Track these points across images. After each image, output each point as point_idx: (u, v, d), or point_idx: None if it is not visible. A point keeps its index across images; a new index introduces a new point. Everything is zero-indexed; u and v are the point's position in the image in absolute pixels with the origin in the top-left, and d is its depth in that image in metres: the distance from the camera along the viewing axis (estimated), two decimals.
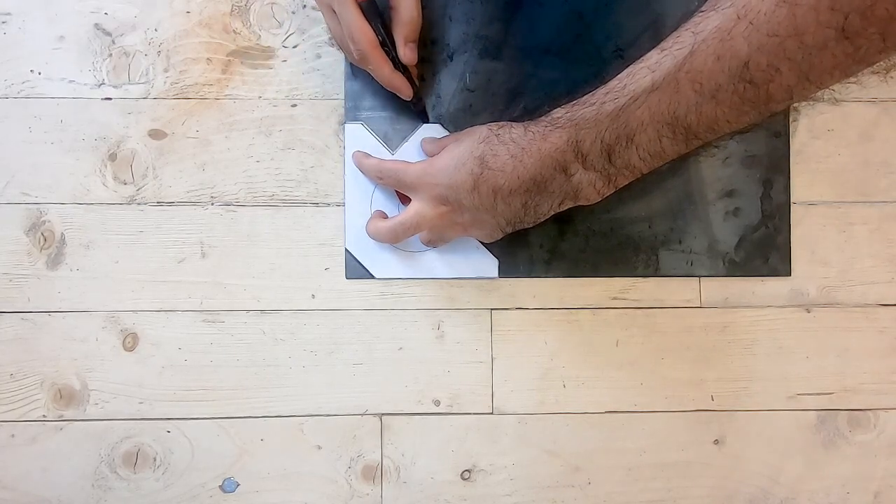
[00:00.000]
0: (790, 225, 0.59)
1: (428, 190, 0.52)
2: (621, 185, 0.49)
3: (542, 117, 0.49)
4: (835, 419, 0.59)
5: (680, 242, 0.59)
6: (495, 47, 0.58)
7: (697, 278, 0.59)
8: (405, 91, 0.54)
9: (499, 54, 0.58)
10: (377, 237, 0.56)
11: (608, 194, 0.49)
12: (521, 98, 0.59)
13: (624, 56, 0.59)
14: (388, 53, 0.53)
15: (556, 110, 0.48)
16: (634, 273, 0.59)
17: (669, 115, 0.42)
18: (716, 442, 0.59)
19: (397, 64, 0.53)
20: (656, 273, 0.59)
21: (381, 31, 0.52)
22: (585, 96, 0.47)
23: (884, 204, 0.60)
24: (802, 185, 0.60)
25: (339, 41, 0.54)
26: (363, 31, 0.50)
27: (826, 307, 0.60)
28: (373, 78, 0.56)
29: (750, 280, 0.59)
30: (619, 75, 0.45)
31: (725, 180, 0.59)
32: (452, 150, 0.51)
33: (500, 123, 0.51)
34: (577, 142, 0.46)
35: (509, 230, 0.54)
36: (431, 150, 0.56)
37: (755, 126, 0.48)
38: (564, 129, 0.47)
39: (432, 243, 0.56)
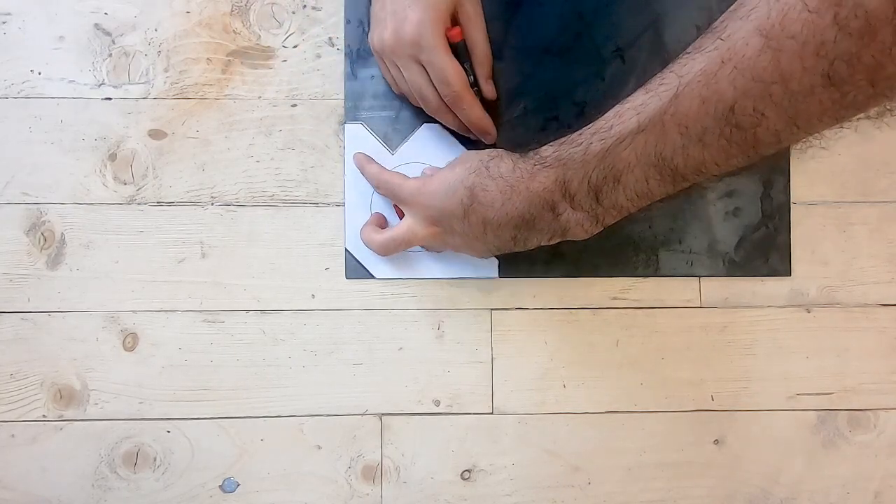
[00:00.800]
0: (790, 225, 0.59)
1: (421, 210, 0.52)
2: (609, 224, 0.49)
3: (532, 154, 0.48)
4: (835, 419, 0.59)
5: (680, 242, 0.59)
6: (495, 47, 0.57)
7: (697, 278, 0.59)
8: (492, 132, 0.55)
9: (499, 54, 0.58)
10: (369, 247, 0.56)
11: (596, 232, 0.49)
12: (521, 98, 0.59)
13: (624, 56, 0.59)
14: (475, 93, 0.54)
15: (544, 148, 0.48)
16: (634, 273, 0.59)
17: (656, 156, 0.42)
18: (716, 442, 0.59)
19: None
20: (656, 273, 0.59)
21: (471, 70, 0.53)
22: (573, 135, 0.47)
23: (884, 204, 0.60)
24: (802, 185, 0.60)
25: (417, 90, 0.53)
26: (458, 74, 0.51)
27: (826, 307, 0.60)
28: (371, 78, 0.56)
29: (750, 280, 0.59)
30: (605, 115, 0.45)
31: (725, 180, 0.59)
32: (446, 176, 0.51)
33: (492, 153, 0.50)
34: (564, 182, 0.46)
35: (499, 254, 0.54)
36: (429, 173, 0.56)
37: (745, 169, 0.48)
38: (552, 169, 0.47)
39: (426, 249, 0.57)
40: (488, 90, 0.56)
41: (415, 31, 0.49)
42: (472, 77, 0.53)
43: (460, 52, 0.52)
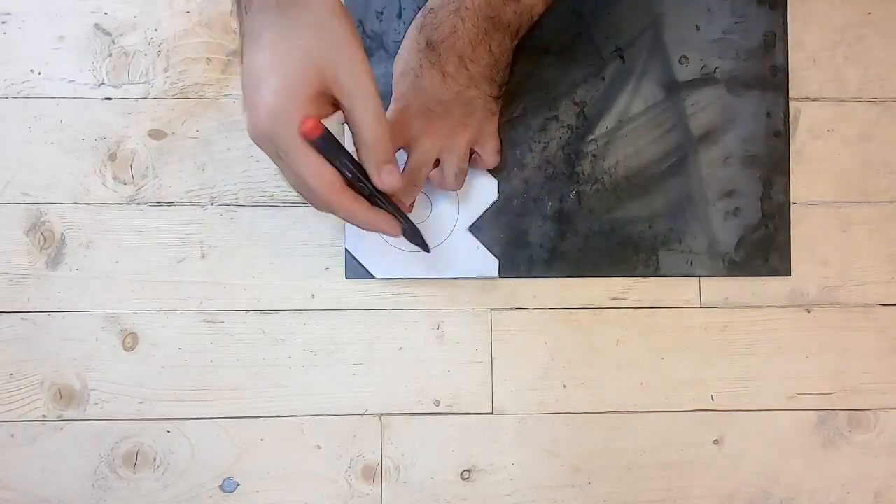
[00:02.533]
0: (790, 225, 0.59)
1: (413, 121, 0.52)
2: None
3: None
4: (835, 419, 0.59)
5: (680, 242, 0.59)
6: None
7: (697, 278, 0.59)
8: (391, 229, 0.48)
9: None
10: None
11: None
12: (521, 98, 0.59)
13: (624, 56, 0.59)
14: (362, 189, 0.44)
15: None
16: (634, 273, 0.59)
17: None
18: (716, 442, 0.59)
19: (375, 196, 0.46)
20: (656, 273, 0.59)
21: (349, 164, 0.42)
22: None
23: (884, 204, 0.60)
24: (802, 185, 0.60)
25: (298, 189, 0.44)
26: (320, 175, 0.42)
27: (826, 307, 0.60)
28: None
29: (750, 280, 0.59)
30: None
31: (725, 180, 0.59)
32: (404, 73, 0.52)
33: (412, 25, 0.52)
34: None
35: (496, 91, 0.54)
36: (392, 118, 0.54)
37: None
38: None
39: (452, 170, 0.54)
40: (382, 180, 0.44)
41: (267, 123, 0.40)
42: (349, 173, 0.43)
43: (329, 147, 0.41)
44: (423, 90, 0.52)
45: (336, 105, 0.43)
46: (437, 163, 0.55)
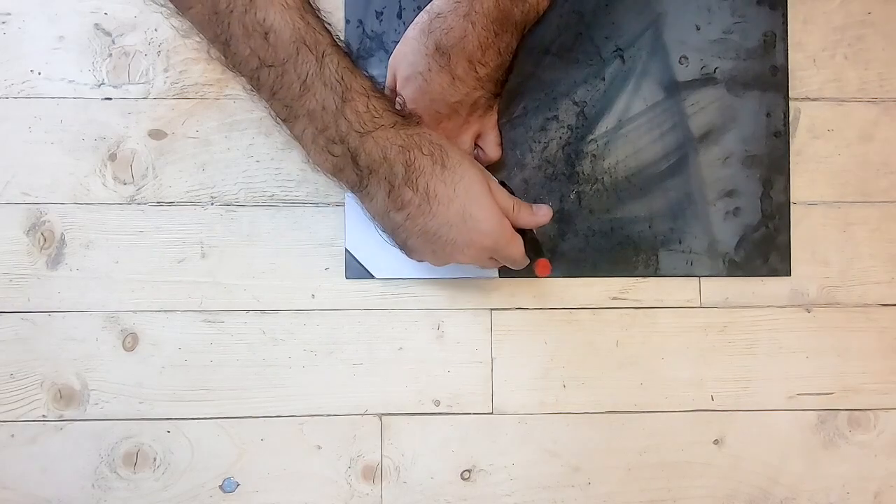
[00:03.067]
0: (790, 225, 0.59)
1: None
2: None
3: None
4: (835, 419, 0.59)
5: (680, 242, 0.59)
6: None
7: (697, 278, 0.59)
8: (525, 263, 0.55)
9: None
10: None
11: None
12: (520, 98, 0.59)
13: (624, 56, 0.59)
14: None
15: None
16: (634, 273, 0.59)
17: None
18: (716, 442, 0.59)
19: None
20: (656, 273, 0.59)
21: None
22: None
23: (884, 204, 0.60)
24: (802, 185, 0.60)
25: (480, 265, 0.54)
26: (523, 257, 0.53)
27: (826, 307, 0.60)
28: (372, 77, 0.56)
29: (750, 280, 0.59)
30: None
31: (725, 180, 0.59)
32: (410, 77, 0.53)
33: (417, 28, 0.53)
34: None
35: (500, 89, 0.55)
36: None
37: None
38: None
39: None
40: (542, 216, 0.55)
41: (489, 245, 0.50)
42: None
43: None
44: (430, 93, 0.52)
45: None
46: None
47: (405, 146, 0.46)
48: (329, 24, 0.45)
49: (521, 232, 0.53)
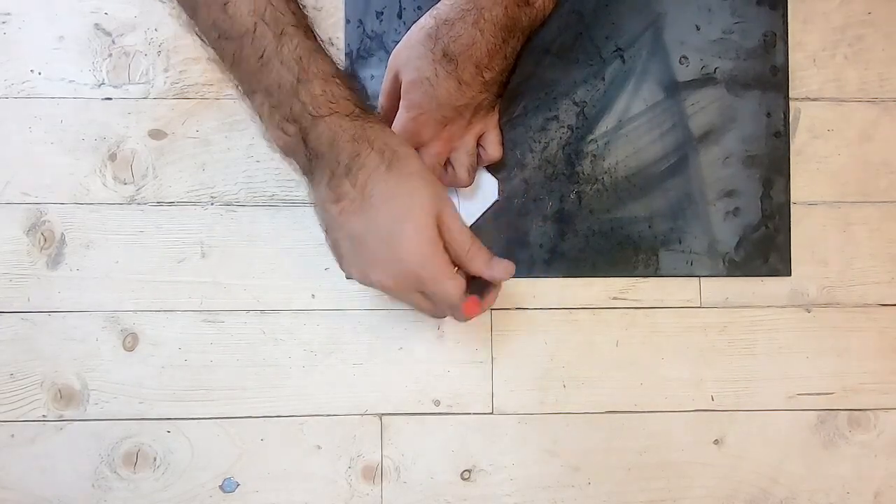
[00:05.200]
0: (790, 225, 0.59)
1: (425, 127, 0.53)
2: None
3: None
4: (835, 419, 0.59)
5: (680, 242, 0.59)
6: None
7: (697, 278, 0.59)
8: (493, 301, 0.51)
9: None
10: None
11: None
12: (520, 98, 0.59)
13: (624, 56, 0.59)
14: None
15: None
16: (634, 273, 0.59)
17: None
18: (716, 442, 0.59)
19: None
20: (656, 273, 0.59)
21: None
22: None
23: (884, 204, 0.60)
24: (802, 185, 0.60)
25: (422, 310, 0.49)
26: (459, 297, 0.47)
27: (826, 307, 0.60)
28: (371, 78, 0.57)
29: (750, 280, 0.59)
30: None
31: (725, 180, 0.59)
32: (416, 82, 0.52)
33: (423, 32, 0.52)
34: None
35: (503, 91, 0.55)
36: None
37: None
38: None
39: (464, 166, 0.56)
40: (506, 270, 0.49)
41: (415, 268, 0.45)
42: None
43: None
44: (437, 98, 0.52)
45: None
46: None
47: (356, 137, 0.45)
48: (302, 6, 0.45)
49: (477, 282, 0.48)
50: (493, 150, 0.57)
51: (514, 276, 0.58)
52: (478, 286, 0.49)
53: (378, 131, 0.46)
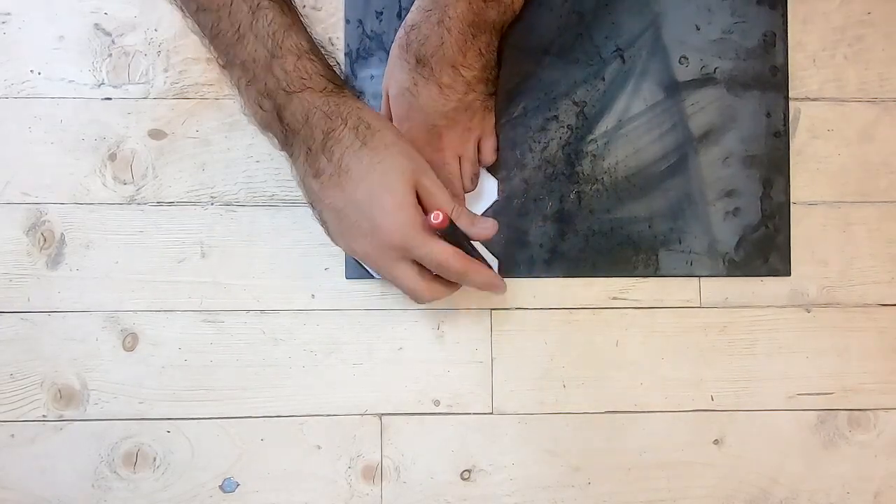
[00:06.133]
0: (790, 225, 0.59)
1: (420, 141, 0.53)
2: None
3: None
4: (835, 419, 0.59)
5: (680, 242, 0.59)
6: None
7: (697, 278, 0.59)
8: (500, 286, 0.52)
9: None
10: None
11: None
12: (520, 98, 0.59)
13: (624, 56, 0.59)
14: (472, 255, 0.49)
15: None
16: (634, 273, 0.59)
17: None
18: (716, 442, 0.59)
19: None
20: (656, 273, 0.59)
21: (464, 241, 0.49)
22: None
23: (884, 204, 0.60)
24: (802, 185, 0.60)
25: (412, 284, 0.49)
26: (454, 254, 0.47)
27: (826, 307, 0.60)
28: (370, 78, 0.56)
29: (750, 280, 0.59)
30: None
31: (725, 180, 0.59)
32: (398, 95, 0.52)
33: (396, 45, 0.53)
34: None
35: (492, 88, 0.55)
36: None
37: None
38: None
39: (468, 173, 0.56)
40: (487, 228, 0.50)
41: (397, 236, 0.46)
42: (467, 246, 0.49)
43: (450, 234, 0.47)
44: (422, 108, 0.52)
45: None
46: None
47: (329, 113, 0.45)
48: None
49: (462, 244, 0.49)
50: (488, 155, 0.57)
51: (515, 276, 0.58)
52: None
53: (352, 106, 0.46)
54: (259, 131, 0.47)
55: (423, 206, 0.47)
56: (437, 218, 0.44)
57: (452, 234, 0.47)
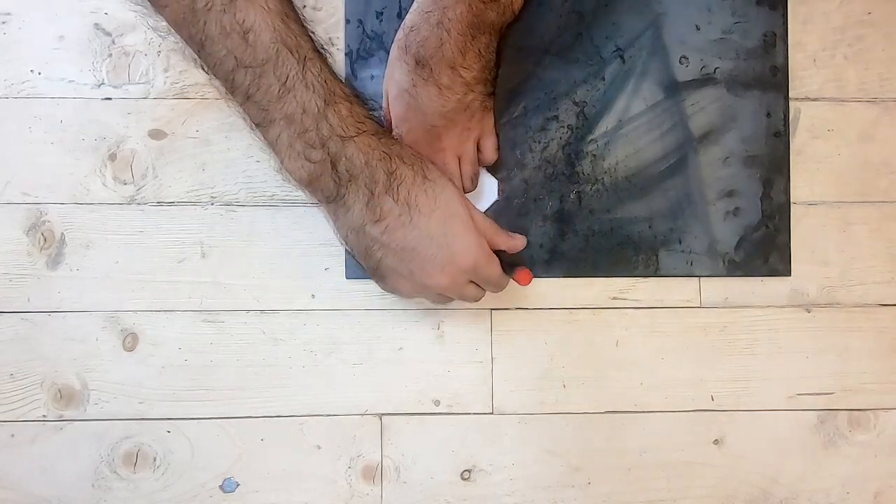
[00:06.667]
0: (790, 225, 0.59)
1: (420, 141, 0.53)
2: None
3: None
4: (835, 419, 0.59)
5: (680, 242, 0.59)
6: None
7: (697, 278, 0.59)
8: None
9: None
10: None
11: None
12: (521, 98, 0.59)
13: (624, 56, 0.59)
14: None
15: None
16: (634, 273, 0.59)
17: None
18: (716, 442, 0.59)
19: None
20: (656, 273, 0.59)
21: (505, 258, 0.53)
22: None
23: (884, 204, 0.60)
24: (802, 185, 0.60)
25: (463, 298, 0.52)
26: (502, 276, 0.52)
27: (826, 307, 0.60)
28: (371, 78, 0.57)
29: (750, 280, 0.59)
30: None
31: (725, 180, 0.59)
32: (398, 96, 0.53)
33: (395, 46, 0.53)
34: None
35: (491, 88, 0.55)
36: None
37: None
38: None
39: (468, 173, 0.57)
40: (519, 243, 0.54)
41: (469, 264, 0.48)
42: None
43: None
44: (421, 108, 0.52)
45: None
46: None
47: (388, 153, 0.46)
48: (312, 32, 0.45)
49: (497, 253, 0.52)
50: (489, 154, 0.57)
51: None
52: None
53: (400, 144, 0.47)
54: (299, 188, 0.46)
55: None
56: (525, 280, 0.53)
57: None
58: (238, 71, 0.42)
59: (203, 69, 0.44)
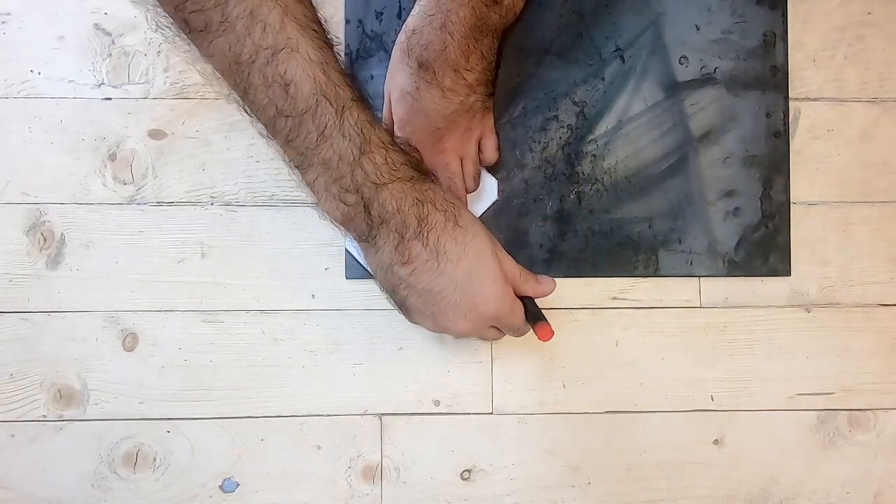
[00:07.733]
0: (790, 225, 0.59)
1: (422, 143, 0.53)
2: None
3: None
4: (835, 419, 0.59)
5: (680, 242, 0.59)
6: None
7: (697, 278, 0.59)
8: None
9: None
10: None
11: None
12: (520, 98, 0.59)
13: (624, 56, 0.59)
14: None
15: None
16: (634, 273, 0.59)
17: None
18: (716, 442, 0.59)
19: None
20: (656, 273, 0.59)
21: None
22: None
23: (884, 204, 0.60)
24: (802, 185, 0.60)
25: (485, 338, 0.53)
26: (524, 323, 0.51)
27: (826, 307, 0.60)
28: (371, 78, 0.57)
29: (750, 280, 0.59)
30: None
31: (725, 180, 0.59)
32: (400, 98, 0.53)
33: (398, 49, 0.53)
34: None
35: (492, 89, 0.55)
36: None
37: None
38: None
39: (471, 174, 0.57)
40: (549, 287, 0.54)
41: (492, 312, 0.49)
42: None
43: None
44: (424, 111, 0.52)
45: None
46: None
47: (420, 199, 0.46)
48: (354, 77, 0.46)
49: (521, 298, 0.52)
50: (490, 154, 0.57)
51: None
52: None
53: (435, 190, 0.47)
54: (334, 224, 0.47)
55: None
56: (545, 337, 0.51)
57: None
58: (279, 119, 0.43)
59: (246, 111, 0.45)
